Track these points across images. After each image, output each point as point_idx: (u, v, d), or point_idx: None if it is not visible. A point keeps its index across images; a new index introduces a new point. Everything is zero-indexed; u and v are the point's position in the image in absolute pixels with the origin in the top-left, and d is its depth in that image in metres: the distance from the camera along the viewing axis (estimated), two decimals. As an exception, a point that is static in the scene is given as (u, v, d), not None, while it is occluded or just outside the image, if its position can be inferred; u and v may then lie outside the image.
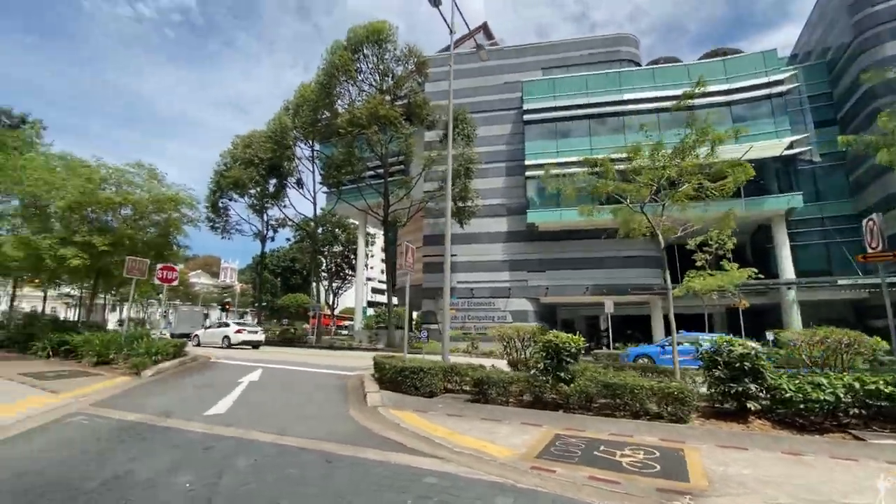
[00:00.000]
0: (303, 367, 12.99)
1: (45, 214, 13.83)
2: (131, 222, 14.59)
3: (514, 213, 29.43)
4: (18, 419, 6.18)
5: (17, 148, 15.45)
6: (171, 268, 12.77)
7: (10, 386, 8.38)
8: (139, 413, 6.73)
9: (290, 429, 5.88)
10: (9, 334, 14.45)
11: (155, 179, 14.83)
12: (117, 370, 10.84)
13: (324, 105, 26.33)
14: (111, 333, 11.95)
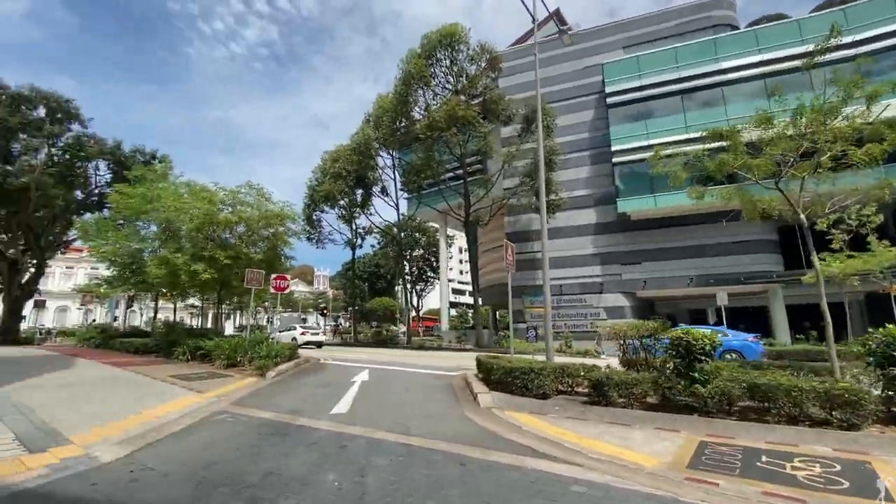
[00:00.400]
0: (403, 368, 13.34)
1: (177, 236, 15.81)
2: (245, 238, 16.14)
3: (602, 204, 27.83)
4: (179, 416, 6.97)
5: (153, 180, 17.90)
6: (283, 277, 13.90)
7: (165, 387, 9.56)
8: (272, 412, 7.26)
9: (412, 429, 5.93)
10: (155, 341, 16.70)
11: (262, 197, 16.32)
12: (244, 371, 11.96)
13: (401, 114, 27.14)
14: (237, 338, 13.29)
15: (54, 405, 7.37)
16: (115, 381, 10.02)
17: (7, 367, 11.92)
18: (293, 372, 12.05)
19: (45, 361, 13.58)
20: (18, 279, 25.95)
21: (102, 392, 8.66)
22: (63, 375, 10.60)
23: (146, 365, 13.03)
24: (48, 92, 23.79)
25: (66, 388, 9.01)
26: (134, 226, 19.39)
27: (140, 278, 18.59)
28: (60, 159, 24.71)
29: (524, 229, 29.57)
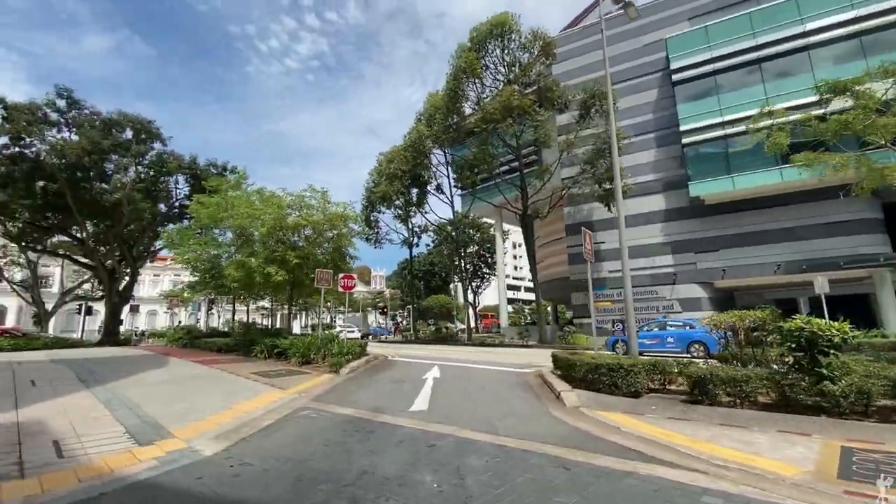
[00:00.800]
0: (472, 365, 13.10)
1: (251, 240, 16.65)
2: (312, 239, 16.67)
3: (672, 188, 25.93)
4: (265, 411, 7.18)
5: (227, 190, 19.04)
6: (351, 276, 14.18)
7: (249, 384, 9.98)
8: (352, 408, 7.27)
9: (499, 428, 5.64)
10: (235, 341, 17.73)
11: (325, 199, 16.78)
12: (319, 368, 12.28)
13: (453, 110, 26.96)
14: (309, 337, 13.74)
15: (155, 400, 7.87)
16: (204, 378, 10.62)
17: (112, 366, 13.06)
18: (365, 369, 12.21)
19: (142, 360, 14.81)
20: (116, 286, 28.78)
21: (194, 388, 9.17)
22: (159, 373, 11.43)
23: (229, 363, 13.81)
24: (133, 115, 26.14)
25: (163, 384, 9.65)
26: (211, 233, 20.75)
27: (219, 282, 19.84)
28: (146, 176, 27.06)
29: (585, 220, 28.30)
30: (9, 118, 22.15)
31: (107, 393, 8.41)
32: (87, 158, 23.50)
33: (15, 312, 49.11)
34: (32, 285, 37.43)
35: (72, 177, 24.32)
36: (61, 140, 23.34)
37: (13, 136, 22.03)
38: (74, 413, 6.80)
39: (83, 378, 10.15)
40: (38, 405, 7.29)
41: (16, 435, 5.59)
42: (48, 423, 6.22)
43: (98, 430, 5.85)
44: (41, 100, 23.79)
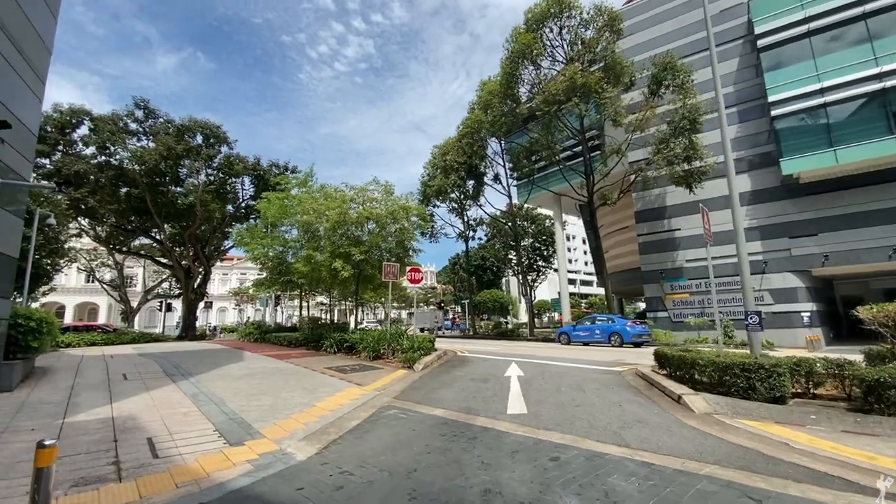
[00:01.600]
0: (551, 361, 12.18)
1: (316, 236, 16.66)
2: (375, 233, 16.39)
3: (759, 167, 23.22)
4: (350, 409, 6.75)
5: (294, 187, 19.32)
6: (417, 269, 13.70)
7: (325, 378, 9.71)
8: (441, 408, 6.67)
9: (628, 439, 4.76)
10: (303, 335, 17.92)
11: (389, 193, 16.45)
12: (390, 363, 11.90)
13: (509, 95, 25.83)
14: (378, 331, 13.45)
15: (239, 395, 7.71)
16: (280, 372, 10.52)
17: (194, 359, 13.44)
18: (439, 364, 11.66)
19: (219, 354, 15.22)
20: (191, 284, 30.49)
21: (274, 383, 9.00)
22: (238, 367, 11.51)
23: (301, 357, 13.82)
24: (202, 121, 27.41)
25: (244, 379, 9.59)
26: (278, 231, 21.21)
27: (286, 278, 20.22)
28: (215, 178, 28.34)
29: (657, 205, 26.16)
30: (95, 129, 23.85)
31: (192, 387, 8.41)
32: (164, 164, 24.89)
33: (106, 310, 53.96)
34: (120, 285, 40.81)
35: (151, 182, 25.90)
36: (140, 147, 24.85)
37: (99, 145, 23.71)
38: (165, 408, 6.71)
39: (169, 372, 10.36)
40: (130, 399, 7.31)
41: (112, 431, 5.47)
42: (141, 418, 6.12)
43: (188, 428, 5.63)
44: (122, 111, 25.48)
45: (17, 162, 7.81)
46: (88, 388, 8.24)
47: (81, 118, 24.02)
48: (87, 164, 23.74)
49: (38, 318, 8.48)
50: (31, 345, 8.35)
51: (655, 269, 25.41)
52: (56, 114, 23.49)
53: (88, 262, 40.35)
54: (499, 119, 25.49)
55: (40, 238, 15.45)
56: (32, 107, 8.28)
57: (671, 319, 24.22)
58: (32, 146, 8.48)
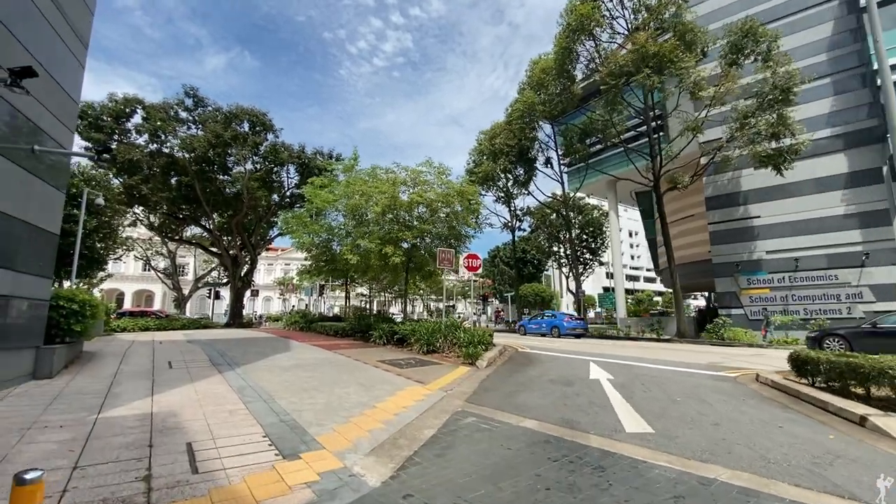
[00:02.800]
0: (634, 363, 10.65)
1: (365, 221, 15.75)
2: (426, 218, 15.27)
3: (858, 145, 20.13)
4: (417, 413, 5.64)
5: (341, 171, 18.58)
6: (475, 256, 12.44)
7: (380, 374, 8.67)
8: (532, 419, 5.41)
9: (839, 482, 3.31)
10: (350, 325, 17.16)
11: (443, 174, 15.23)
12: (447, 358, 10.76)
13: (563, 73, 23.92)
14: (432, 323, 12.33)
15: (289, 391, 6.78)
16: (331, 364, 9.61)
17: (241, 348, 12.87)
18: (503, 362, 10.40)
19: (266, 343, 14.66)
20: (238, 272, 30.76)
21: (326, 377, 8.05)
22: (286, 357, 10.73)
23: (349, 348, 12.97)
24: (249, 108, 27.30)
25: (293, 371, 8.72)
26: (324, 218, 20.60)
27: (333, 266, 19.55)
28: (262, 167, 28.26)
29: (732, 190, 23.49)
30: (148, 117, 24.13)
31: (239, 379, 7.57)
32: (212, 151, 24.89)
33: (161, 297, 56.45)
34: (172, 273, 42.23)
35: (200, 170, 26.08)
36: (190, 135, 24.96)
37: (151, 133, 23.96)
38: (209, 403, 5.84)
39: (216, 361, 9.67)
40: (173, 392, 6.53)
41: (148, 432, 4.59)
42: (182, 415, 5.24)
43: (234, 431, 4.67)
44: (173, 100, 25.70)
45: (56, 129, 7.15)
46: (132, 376, 7.58)
47: (135, 107, 24.36)
48: (140, 152, 24.09)
49: (81, 300, 7.90)
50: (74, 329, 7.78)
51: (729, 262, 22.91)
52: (111, 103, 23.90)
53: (144, 251, 42.02)
54: (552, 98, 23.62)
55: (94, 222, 15.41)
56: (73, 71, 7.62)
57: (748, 317, 21.73)
58: (73, 114, 7.85)
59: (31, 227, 6.67)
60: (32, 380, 6.91)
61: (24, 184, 6.48)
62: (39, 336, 7.06)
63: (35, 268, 6.82)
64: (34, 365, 6.92)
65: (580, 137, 26.59)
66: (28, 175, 6.55)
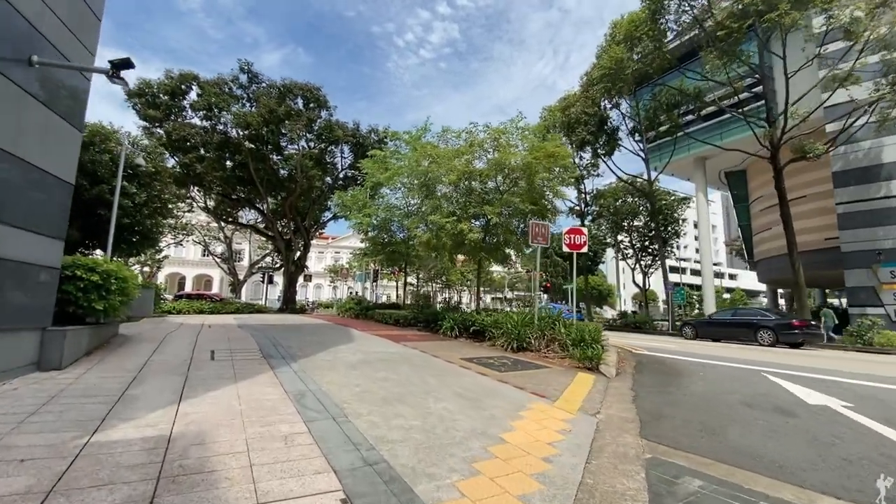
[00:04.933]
0: (820, 376, 7.77)
1: (433, 194, 13.55)
2: (507, 188, 12.79)
3: None
4: (575, 460, 3.33)
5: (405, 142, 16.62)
6: (579, 230, 9.87)
7: (477, 379, 6.45)
8: (794, 486, 2.94)
9: None
10: (414, 314, 15.16)
11: (536, 134, 12.57)
12: (548, 359, 8.39)
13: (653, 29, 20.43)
14: (522, 314, 9.96)
15: (364, 401, 4.70)
16: (406, 362, 7.51)
17: (296, 336, 11.17)
18: (632, 368, 7.88)
19: (324, 331, 12.92)
20: (291, 256, 29.87)
21: (407, 380, 5.94)
22: (350, 350, 8.78)
23: (418, 340, 10.90)
24: (302, 83, 25.97)
25: (361, 368, 6.69)
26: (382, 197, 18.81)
27: (392, 248, 17.68)
28: (315, 145, 26.96)
29: (870, 163, 19.22)
30: (202, 92, 23.30)
31: (296, 380, 5.60)
32: (266, 129, 23.74)
33: (219, 282, 58.00)
34: (228, 258, 42.59)
35: (254, 150, 25.12)
36: (243, 111, 23.92)
37: (206, 108, 23.11)
38: (254, 420, 3.83)
39: (267, 352, 7.85)
40: (207, 397, 4.61)
41: (153, 480, 2.59)
42: (213, 442, 3.24)
43: (293, 483, 2.59)
44: (228, 76, 24.78)
45: (66, 41, 5.41)
46: (162, 371, 5.80)
47: (190, 83, 23.64)
48: (193, 129, 23.40)
49: (103, 270, 6.22)
50: (95, 307, 6.10)
51: (866, 250, 18.79)
52: (168, 80, 23.27)
53: (202, 236, 42.67)
54: (647, 55, 20.08)
55: (143, 194, 14.29)
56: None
57: (891, 318, 17.66)
58: (92, 30, 6.09)
59: (28, 167, 4.94)
60: (36, 371, 5.25)
61: (16, 106, 4.73)
62: (46, 315, 5.39)
63: (36, 223, 5.12)
64: (38, 352, 5.25)
65: (668, 106, 23.10)
66: (23, 95, 4.80)
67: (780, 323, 14.87)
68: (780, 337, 14.48)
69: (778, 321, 15.03)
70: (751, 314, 16.19)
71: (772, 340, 14.52)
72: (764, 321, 15.15)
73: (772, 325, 14.80)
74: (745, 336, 15.31)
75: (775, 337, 14.50)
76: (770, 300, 30.39)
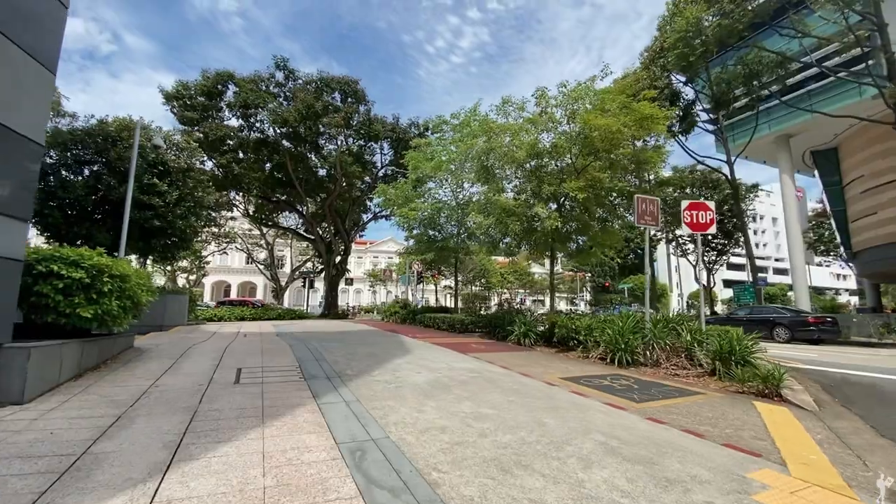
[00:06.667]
0: None
1: (495, 179, 11.49)
2: (586, 162, 10.49)
3: None
4: None
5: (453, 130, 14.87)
6: (703, 205, 7.53)
7: (617, 417, 4.37)
8: None
9: None
10: (472, 318, 13.18)
11: (622, 96, 10.24)
12: (685, 379, 6.15)
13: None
14: (627, 317, 7.73)
15: (460, 466, 2.73)
16: (493, 384, 5.50)
17: (342, 346, 9.42)
18: (823, 393, 5.51)
19: (373, 339, 11.13)
20: (332, 259, 28.66)
21: (511, 419, 3.93)
22: (411, 365, 6.87)
23: (489, 350, 8.87)
24: (339, 77, 24.73)
25: (437, 396, 4.74)
26: (428, 191, 17.11)
27: (442, 244, 15.84)
28: (354, 141, 25.62)
29: None
30: (238, 90, 22.47)
31: (350, 420, 3.71)
32: (303, 125, 22.56)
33: (262, 288, 58.36)
34: (271, 264, 42.28)
35: (292, 150, 24.09)
36: (280, 107, 22.87)
37: (242, 105, 22.22)
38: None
39: (308, 369, 6.06)
40: (213, 455, 2.80)
41: None
42: None
43: None
44: (264, 72, 23.88)
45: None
46: (163, 404, 4.08)
47: (226, 81, 22.86)
48: (231, 130, 22.61)
49: (90, 265, 4.60)
50: (81, 314, 4.48)
51: None
52: (204, 79, 22.59)
53: (245, 243, 42.69)
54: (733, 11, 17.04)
55: (175, 193, 13.10)
56: None
57: None
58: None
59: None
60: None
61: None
62: (1, 326, 3.77)
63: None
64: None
65: (745, 79, 20.09)
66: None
67: (795, 320, 15.24)
68: (796, 334, 14.86)
69: (793, 318, 15.37)
70: (766, 311, 16.76)
71: (787, 337, 14.91)
72: (780, 318, 15.55)
73: (787, 322, 15.16)
74: (761, 333, 14.05)
75: (791, 334, 14.90)
76: (872, 297, 26.12)
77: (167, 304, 12.25)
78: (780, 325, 15.28)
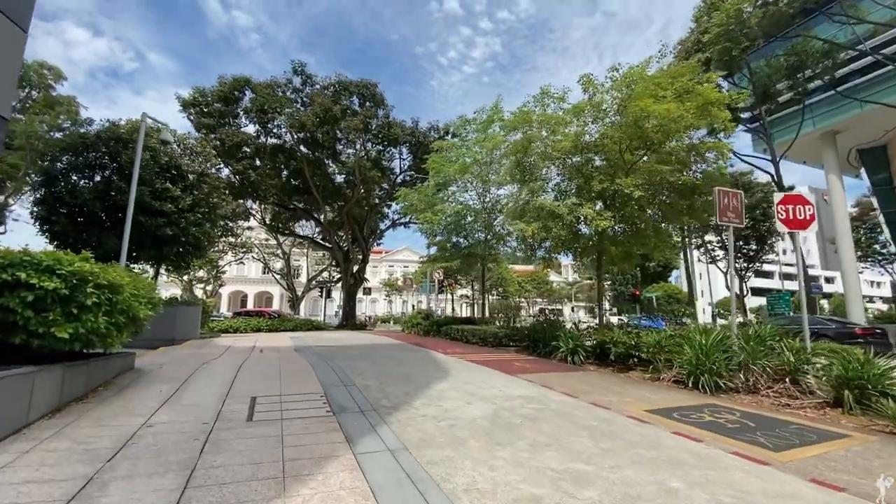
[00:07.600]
0: None
1: (534, 178, 10.39)
2: (638, 156, 9.33)
3: None
4: None
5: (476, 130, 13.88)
6: (801, 198, 6.30)
7: (772, 482, 3.19)
8: None
9: None
10: (506, 331, 12.01)
11: (676, 79, 9.09)
12: (798, 410, 4.93)
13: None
14: (709, 332, 6.51)
15: None
16: (569, 421, 4.38)
17: (371, 367, 8.39)
18: None
19: (400, 356, 10.06)
20: (350, 268, 27.79)
21: (620, 482, 2.81)
22: (455, 392, 5.78)
23: (537, 370, 7.70)
24: (357, 80, 24.08)
25: (504, 442, 3.64)
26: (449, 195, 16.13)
27: (466, 251, 14.78)
28: (373, 146, 24.89)
29: None
30: (255, 95, 21.96)
31: (399, 478, 2.62)
32: (321, 130, 21.89)
33: (278, 298, 57.93)
34: (287, 274, 41.71)
35: (309, 156, 23.45)
36: (298, 111, 22.26)
37: (259, 109, 21.67)
38: None
39: (337, 399, 5.00)
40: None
41: None
42: None
43: None
44: (281, 78, 23.36)
45: None
46: (145, 467, 3.02)
47: (243, 87, 22.37)
48: (247, 136, 22.08)
49: (69, 272, 3.66)
50: (56, 333, 3.52)
51: None
52: (221, 85, 22.16)
53: (261, 253, 42.28)
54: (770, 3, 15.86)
55: (188, 198, 12.33)
56: None
57: None
58: None
59: None
60: None
61: None
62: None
63: None
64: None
65: (787, 73, 18.79)
66: None
67: (841, 331, 13.76)
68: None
69: (839, 329, 13.96)
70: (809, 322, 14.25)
71: None
72: (825, 329, 13.85)
73: (832, 334, 13.41)
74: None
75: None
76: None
77: (178, 316, 11.42)
78: (825, 338, 13.63)
